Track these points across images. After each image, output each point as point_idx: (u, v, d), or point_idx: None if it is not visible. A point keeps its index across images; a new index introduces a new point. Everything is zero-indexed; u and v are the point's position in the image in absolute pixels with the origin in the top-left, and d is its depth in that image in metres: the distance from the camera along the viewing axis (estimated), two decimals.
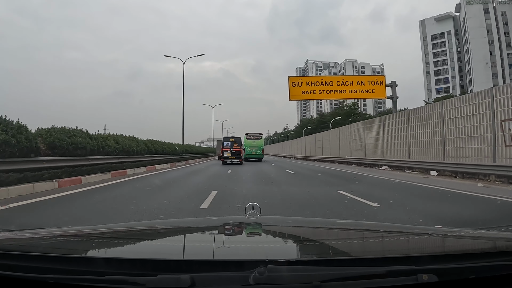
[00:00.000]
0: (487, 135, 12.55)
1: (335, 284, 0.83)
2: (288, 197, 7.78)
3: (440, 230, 1.75)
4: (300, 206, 6.42)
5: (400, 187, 10.45)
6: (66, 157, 10.74)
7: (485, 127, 12.61)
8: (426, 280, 0.83)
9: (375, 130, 22.67)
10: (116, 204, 6.80)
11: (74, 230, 1.71)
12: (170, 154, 25.66)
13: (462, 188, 9.77)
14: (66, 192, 8.29)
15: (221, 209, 6.14)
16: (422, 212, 5.99)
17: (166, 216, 5.38)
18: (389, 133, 20.51)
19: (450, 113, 14.87)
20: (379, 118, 25.20)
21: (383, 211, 6.01)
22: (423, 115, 17.12)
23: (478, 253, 1.12)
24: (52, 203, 6.80)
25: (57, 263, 0.95)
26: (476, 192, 8.87)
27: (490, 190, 9.17)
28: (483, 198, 7.88)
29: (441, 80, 79.11)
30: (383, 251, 1.30)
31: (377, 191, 9.10)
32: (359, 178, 13.52)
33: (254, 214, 1.81)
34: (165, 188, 9.82)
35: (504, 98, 11.73)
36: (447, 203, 7.18)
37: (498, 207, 6.76)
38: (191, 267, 0.89)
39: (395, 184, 11.41)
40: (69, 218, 5.22)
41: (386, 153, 20.65)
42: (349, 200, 7.30)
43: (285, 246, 1.39)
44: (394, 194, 8.54)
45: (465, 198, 7.89)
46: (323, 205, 6.62)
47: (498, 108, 12.01)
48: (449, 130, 14.93)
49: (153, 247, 1.34)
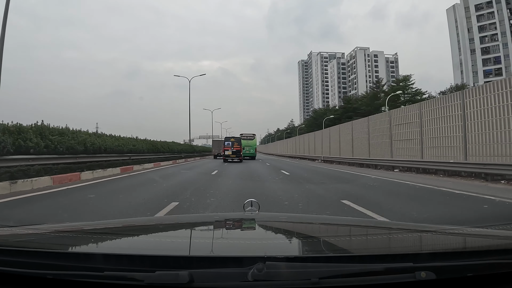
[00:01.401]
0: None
1: (333, 281, 0.83)
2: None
3: (438, 227, 1.75)
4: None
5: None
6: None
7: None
8: (424, 277, 0.83)
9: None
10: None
11: (72, 226, 1.71)
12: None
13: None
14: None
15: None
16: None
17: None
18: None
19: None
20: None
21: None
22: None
23: (476, 251, 1.12)
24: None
25: (55, 259, 0.95)
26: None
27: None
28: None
29: (489, 60, 61.42)
30: (381, 248, 1.31)
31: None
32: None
33: (252, 210, 1.82)
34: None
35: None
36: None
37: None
38: (190, 263, 0.89)
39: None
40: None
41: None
42: None
43: (284, 242, 1.39)
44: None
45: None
46: None
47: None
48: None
49: (151, 243, 1.35)
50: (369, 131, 22.52)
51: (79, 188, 9.10)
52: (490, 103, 12.24)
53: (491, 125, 12.13)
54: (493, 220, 5.29)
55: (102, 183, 10.65)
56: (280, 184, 10.44)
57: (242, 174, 15.21)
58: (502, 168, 10.97)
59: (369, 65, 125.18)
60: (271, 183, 10.84)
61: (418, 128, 16.96)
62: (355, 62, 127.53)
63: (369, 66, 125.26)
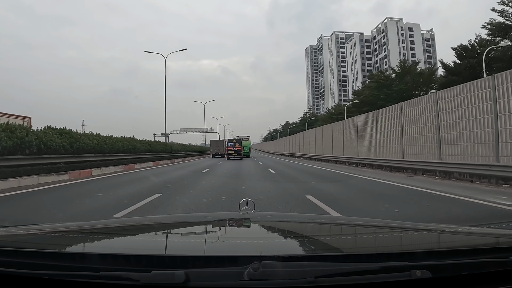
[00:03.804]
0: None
1: (329, 280, 0.83)
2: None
3: (434, 226, 1.76)
4: None
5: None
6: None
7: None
8: (420, 276, 0.84)
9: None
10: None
11: (68, 226, 1.70)
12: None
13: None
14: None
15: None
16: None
17: None
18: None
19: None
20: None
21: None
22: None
23: (471, 249, 1.12)
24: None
25: (51, 259, 0.95)
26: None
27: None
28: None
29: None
30: (377, 247, 1.31)
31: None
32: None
33: (248, 210, 1.82)
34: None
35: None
36: None
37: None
38: (186, 263, 0.89)
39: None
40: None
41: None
42: None
43: (279, 242, 1.39)
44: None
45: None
46: None
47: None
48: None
49: (147, 243, 1.35)
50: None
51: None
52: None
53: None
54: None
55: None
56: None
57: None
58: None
59: (403, 41, 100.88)
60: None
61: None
62: (385, 37, 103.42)
63: (403, 42, 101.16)
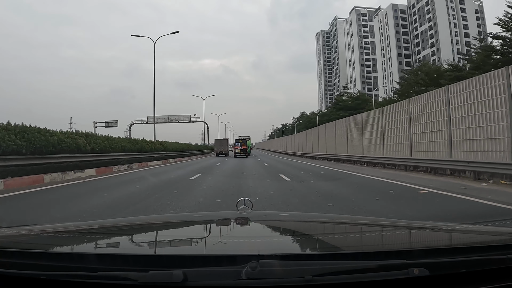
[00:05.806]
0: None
1: (327, 278, 0.83)
2: None
3: (432, 224, 1.76)
4: None
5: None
6: None
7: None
8: (417, 274, 0.84)
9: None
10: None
11: (66, 226, 1.70)
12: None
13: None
14: None
15: None
16: None
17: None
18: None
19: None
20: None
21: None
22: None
23: (469, 247, 1.13)
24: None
25: (49, 259, 0.95)
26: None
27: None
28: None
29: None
30: (375, 245, 1.31)
31: None
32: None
33: (245, 209, 1.82)
34: None
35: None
36: None
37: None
38: (184, 262, 0.89)
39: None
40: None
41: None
42: None
43: (277, 240, 1.39)
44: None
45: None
46: None
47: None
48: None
49: (145, 242, 1.34)
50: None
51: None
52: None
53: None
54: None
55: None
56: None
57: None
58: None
59: (452, 8, 78.46)
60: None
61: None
62: (428, 3, 79.18)
63: (452, 10, 78.69)
